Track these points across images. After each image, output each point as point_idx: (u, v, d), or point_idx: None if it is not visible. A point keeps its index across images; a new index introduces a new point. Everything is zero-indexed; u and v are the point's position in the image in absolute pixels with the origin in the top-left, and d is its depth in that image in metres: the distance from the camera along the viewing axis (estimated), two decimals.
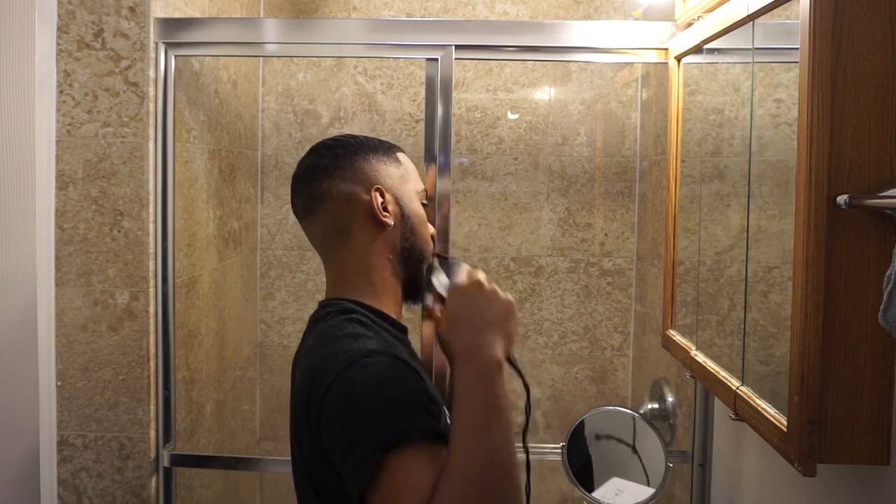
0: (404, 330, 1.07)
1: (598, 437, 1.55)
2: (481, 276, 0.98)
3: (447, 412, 0.99)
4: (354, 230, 1.02)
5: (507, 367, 0.91)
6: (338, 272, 1.04)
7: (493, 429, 0.83)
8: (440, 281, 1.04)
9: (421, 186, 1.09)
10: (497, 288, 0.97)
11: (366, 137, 1.08)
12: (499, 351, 0.90)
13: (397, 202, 1.04)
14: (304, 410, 0.92)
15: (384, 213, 1.02)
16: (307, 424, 0.91)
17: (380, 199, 1.02)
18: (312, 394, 0.90)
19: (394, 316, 1.04)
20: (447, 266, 1.04)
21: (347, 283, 1.03)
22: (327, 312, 1.00)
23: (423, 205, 1.09)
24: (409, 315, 1.15)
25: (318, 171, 1.04)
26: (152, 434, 1.56)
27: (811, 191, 0.83)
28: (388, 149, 1.08)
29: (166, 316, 1.57)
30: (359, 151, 1.05)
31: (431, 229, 1.11)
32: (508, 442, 0.83)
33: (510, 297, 0.97)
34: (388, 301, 1.04)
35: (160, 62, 1.53)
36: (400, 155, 1.09)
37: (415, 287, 1.08)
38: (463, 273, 0.99)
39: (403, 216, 1.04)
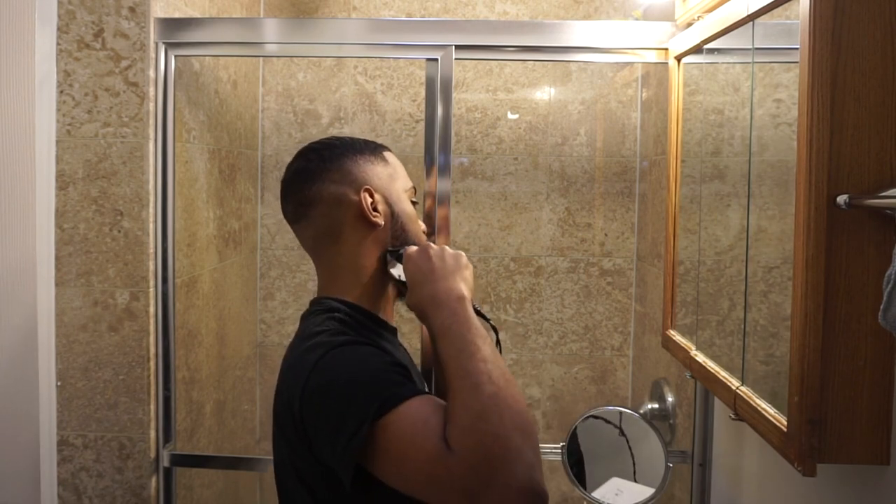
0: (393, 330, 1.07)
1: (597, 438, 1.55)
2: (430, 244, 1.03)
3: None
4: (345, 231, 1.02)
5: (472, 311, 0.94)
6: (329, 272, 1.05)
7: (480, 346, 0.86)
8: (396, 269, 1.05)
9: (409, 184, 1.10)
10: (446, 246, 1.02)
11: (352, 138, 1.09)
12: (462, 291, 0.94)
13: (386, 201, 1.05)
14: (286, 408, 0.92)
15: (374, 214, 1.02)
16: (291, 422, 0.91)
17: (369, 200, 1.02)
18: (292, 390, 0.91)
19: (382, 316, 1.05)
20: (398, 255, 1.05)
21: (337, 283, 1.04)
22: (313, 311, 1.02)
23: (412, 202, 1.10)
24: (409, 315, 1.15)
25: (307, 175, 1.04)
26: (152, 434, 1.56)
27: (811, 191, 0.83)
28: (374, 149, 1.08)
29: (166, 316, 1.57)
30: (346, 153, 1.05)
31: (422, 226, 1.11)
32: (496, 354, 0.87)
33: (460, 251, 1.02)
34: (377, 301, 1.05)
35: (160, 62, 1.53)
36: (387, 154, 1.09)
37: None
38: (411, 248, 1.03)
39: (393, 215, 1.05)
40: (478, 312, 0.96)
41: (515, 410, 0.79)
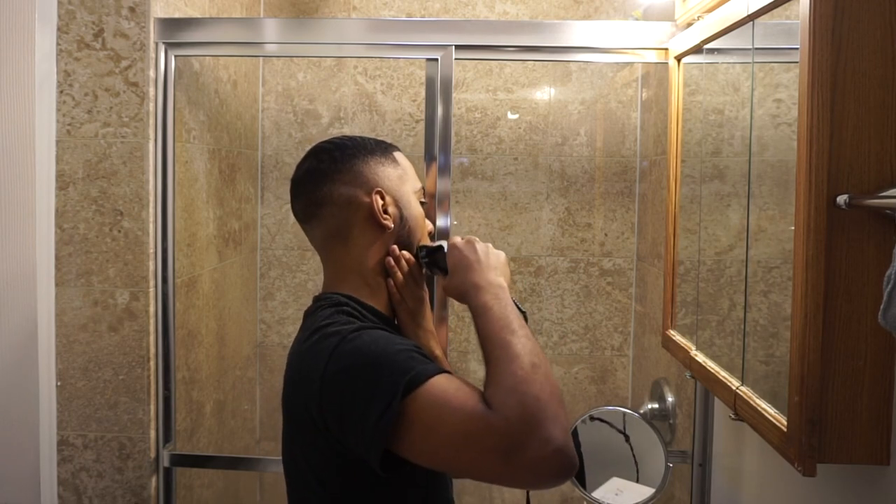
0: (396, 327, 1.08)
1: (598, 438, 1.55)
2: (474, 238, 1.05)
3: None
4: (354, 233, 1.03)
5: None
6: (336, 271, 1.06)
7: (521, 326, 0.90)
8: (429, 261, 1.06)
9: (419, 185, 1.10)
10: (489, 244, 1.04)
11: (363, 138, 1.09)
12: (503, 282, 0.98)
13: (397, 204, 1.05)
14: (300, 401, 0.92)
15: (384, 216, 1.03)
16: (306, 413, 0.91)
17: (380, 202, 1.03)
18: (307, 381, 0.91)
19: (386, 314, 1.06)
20: (436, 249, 1.07)
21: (343, 281, 1.04)
22: (319, 305, 1.02)
23: (421, 203, 1.10)
24: None
25: (318, 176, 1.04)
26: (152, 434, 1.56)
27: (811, 191, 0.83)
28: (385, 149, 1.08)
29: (166, 316, 1.57)
30: (357, 154, 1.05)
31: (429, 225, 1.12)
32: (532, 336, 0.90)
33: (501, 251, 1.05)
34: (382, 299, 1.05)
35: (160, 62, 1.53)
36: (397, 154, 1.09)
37: None
38: (455, 238, 1.05)
39: (402, 218, 1.06)
40: (514, 302, 0.99)
41: (552, 382, 0.84)
